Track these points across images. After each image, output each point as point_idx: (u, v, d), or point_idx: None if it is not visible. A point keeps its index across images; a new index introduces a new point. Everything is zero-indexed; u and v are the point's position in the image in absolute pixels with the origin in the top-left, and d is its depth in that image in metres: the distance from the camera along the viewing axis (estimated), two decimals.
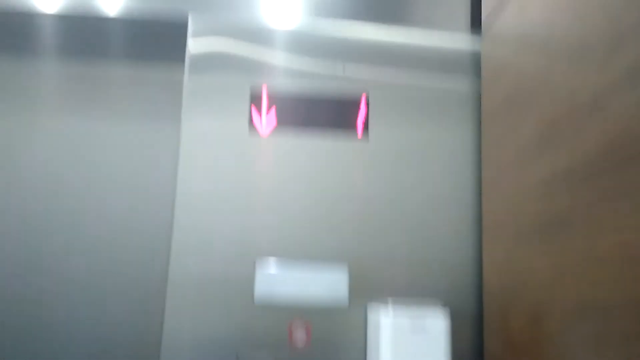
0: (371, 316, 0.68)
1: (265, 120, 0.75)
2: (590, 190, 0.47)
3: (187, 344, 0.69)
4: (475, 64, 0.78)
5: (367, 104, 0.76)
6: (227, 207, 0.73)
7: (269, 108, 0.76)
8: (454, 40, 0.78)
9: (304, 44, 0.77)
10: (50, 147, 0.83)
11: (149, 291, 0.79)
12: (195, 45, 0.77)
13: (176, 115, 0.80)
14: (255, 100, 0.75)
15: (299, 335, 0.69)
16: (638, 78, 0.42)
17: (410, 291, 0.72)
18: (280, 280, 0.71)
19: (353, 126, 0.76)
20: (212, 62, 0.76)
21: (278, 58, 0.77)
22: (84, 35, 0.85)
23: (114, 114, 0.85)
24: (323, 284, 0.71)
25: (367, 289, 0.71)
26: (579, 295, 0.48)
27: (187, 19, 0.78)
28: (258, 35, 0.77)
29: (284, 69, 0.77)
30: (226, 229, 0.72)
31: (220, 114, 0.75)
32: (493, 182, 0.69)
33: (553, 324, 0.52)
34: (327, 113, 0.76)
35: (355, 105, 0.76)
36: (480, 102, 0.76)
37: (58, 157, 0.83)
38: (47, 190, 0.82)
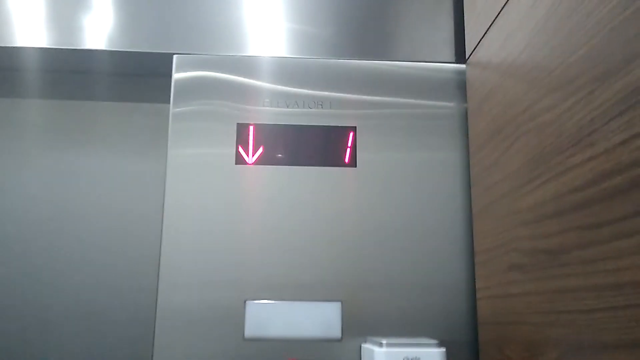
0: (365, 352, 0.66)
1: (252, 151, 0.75)
2: (579, 219, 0.47)
3: None
4: (461, 93, 0.78)
5: (355, 136, 0.76)
6: (215, 240, 0.71)
7: (255, 139, 0.75)
8: (440, 68, 0.78)
9: (291, 75, 0.77)
10: (34, 182, 0.82)
11: (137, 328, 0.78)
12: (180, 77, 0.76)
13: (162, 149, 0.79)
14: (242, 131, 0.75)
15: None
16: (623, 112, 0.41)
17: (404, 326, 0.70)
18: (271, 317, 0.69)
19: (341, 156, 0.75)
20: (197, 93, 0.76)
21: (265, 90, 0.77)
22: (68, 70, 0.84)
23: (98, 147, 0.84)
24: (315, 320, 0.70)
25: (361, 324, 0.70)
26: (574, 327, 0.47)
27: (172, 54, 0.78)
28: (244, 69, 0.77)
29: (271, 101, 0.76)
30: (214, 263, 0.71)
31: (206, 145, 0.74)
32: (483, 211, 0.69)
33: (550, 356, 0.51)
34: (314, 142, 0.75)
35: (343, 135, 0.75)
36: (468, 130, 0.76)
37: (42, 192, 0.82)
38: (32, 227, 0.80)
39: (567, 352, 0.48)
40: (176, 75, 0.76)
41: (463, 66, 0.78)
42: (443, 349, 0.62)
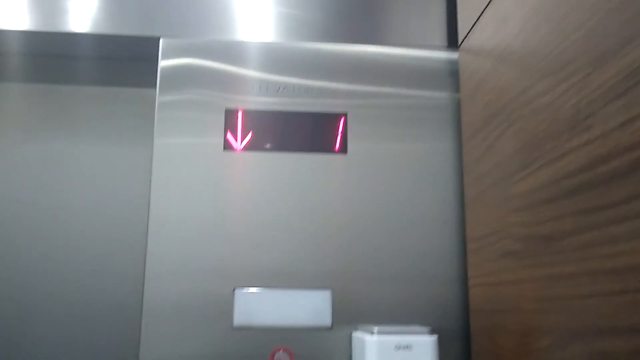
0: (356, 341, 0.66)
1: (241, 137, 0.73)
2: (574, 205, 0.46)
3: None
4: (454, 80, 0.77)
5: (346, 123, 0.74)
6: (203, 228, 0.70)
7: (244, 125, 0.74)
8: (432, 56, 0.77)
9: (280, 60, 0.76)
10: (15, 170, 0.80)
11: (124, 317, 0.76)
12: (167, 64, 0.74)
13: (148, 136, 0.78)
14: (230, 118, 0.73)
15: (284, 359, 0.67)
16: (621, 95, 0.41)
17: (395, 314, 0.70)
18: (260, 306, 0.68)
19: (331, 142, 0.74)
20: (184, 81, 0.74)
21: (253, 76, 0.75)
22: (51, 53, 0.82)
23: (82, 134, 0.82)
24: (305, 309, 0.69)
25: (351, 312, 0.69)
26: (569, 313, 0.47)
27: (158, 38, 0.76)
28: (232, 55, 0.75)
29: (259, 87, 0.75)
30: (202, 251, 0.69)
31: (193, 133, 0.73)
32: (476, 199, 0.68)
33: (543, 343, 0.51)
34: (304, 129, 0.74)
35: (334, 122, 0.74)
36: (460, 118, 0.75)
37: (24, 180, 0.80)
38: (12, 216, 0.78)
39: (562, 339, 0.48)
40: (162, 63, 0.75)
41: (455, 55, 0.77)
42: (435, 337, 0.61)
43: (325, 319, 0.69)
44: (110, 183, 0.80)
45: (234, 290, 0.69)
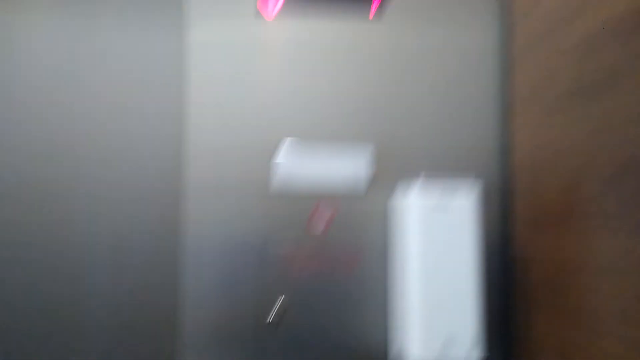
0: (397, 194, 0.67)
1: (274, 4, 0.71)
2: (629, 46, 0.44)
3: (209, 241, 0.70)
4: None
5: None
6: (242, 95, 0.70)
7: None
8: None
9: None
10: (41, 51, 0.78)
11: (166, 192, 0.77)
12: None
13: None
14: None
15: (324, 218, 0.69)
16: None
17: (438, 167, 0.70)
18: (301, 163, 0.70)
19: (366, 7, 0.71)
20: None
21: None
22: None
23: (112, 11, 0.79)
24: (345, 164, 0.70)
25: (393, 168, 0.70)
26: (621, 154, 0.47)
27: None
28: None
29: None
30: (239, 122, 0.70)
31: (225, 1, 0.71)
32: (526, 51, 0.66)
33: (589, 188, 0.51)
34: None
35: None
36: None
37: (51, 58, 0.78)
38: (43, 98, 0.77)
39: (610, 183, 0.48)
40: None
41: None
42: (479, 181, 0.61)
43: (366, 173, 0.70)
44: (141, 51, 0.78)
45: (274, 154, 0.70)
